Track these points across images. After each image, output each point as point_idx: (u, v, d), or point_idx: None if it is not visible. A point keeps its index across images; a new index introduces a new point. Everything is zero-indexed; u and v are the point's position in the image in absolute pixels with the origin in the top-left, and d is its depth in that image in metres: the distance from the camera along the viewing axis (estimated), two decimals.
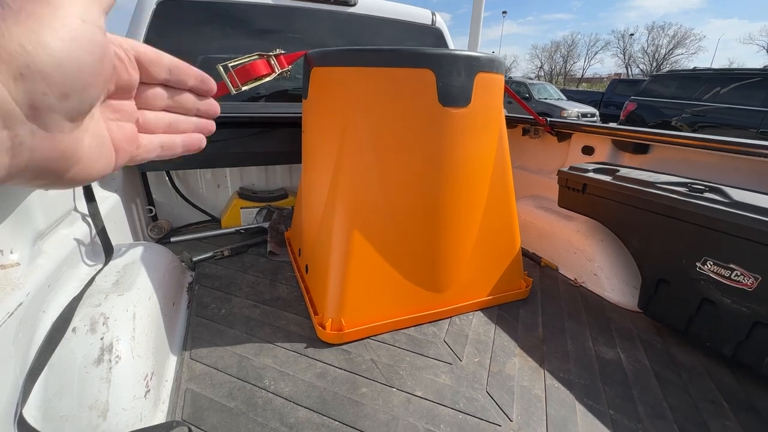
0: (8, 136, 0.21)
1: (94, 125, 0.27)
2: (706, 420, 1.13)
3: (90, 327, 0.96)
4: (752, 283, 1.20)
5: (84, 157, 0.26)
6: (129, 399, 0.93)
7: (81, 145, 0.26)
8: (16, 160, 0.22)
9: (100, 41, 0.24)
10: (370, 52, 1.26)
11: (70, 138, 0.24)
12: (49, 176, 0.25)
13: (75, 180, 0.27)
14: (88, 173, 0.27)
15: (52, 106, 0.22)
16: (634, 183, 1.53)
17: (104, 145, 0.28)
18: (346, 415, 1.08)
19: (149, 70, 0.32)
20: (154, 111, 0.34)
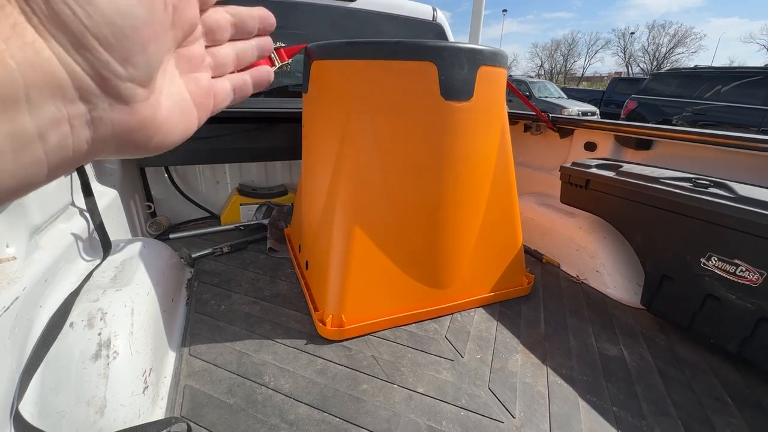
0: (87, 109, 0.20)
1: (169, 85, 0.25)
2: (711, 417, 1.12)
3: (87, 322, 0.95)
4: (757, 279, 1.19)
5: (165, 122, 0.25)
6: (127, 395, 0.92)
7: (159, 110, 0.24)
8: (99, 134, 0.21)
9: None
10: (372, 45, 1.25)
11: (147, 105, 0.23)
12: (132, 147, 0.24)
13: (159, 147, 0.25)
14: (171, 138, 0.26)
15: (119, 74, 0.21)
16: (637, 178, 1.52)
17: (185, 106, 0.27)
18: (346, 412, 1.07)
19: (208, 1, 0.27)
20: (221, 47, 0.30)
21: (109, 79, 0.20)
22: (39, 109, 0.18)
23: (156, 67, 0.23)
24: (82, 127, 0.20)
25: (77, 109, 0.20)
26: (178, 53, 0.27)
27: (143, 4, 0.21)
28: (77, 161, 0.21)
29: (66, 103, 0.19)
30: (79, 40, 0.19)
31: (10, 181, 0.19)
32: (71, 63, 0.19)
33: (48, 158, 0.20)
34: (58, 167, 0.20)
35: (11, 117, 0.18)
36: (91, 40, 0.19)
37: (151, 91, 0.23)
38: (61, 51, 0.18)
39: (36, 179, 0.20)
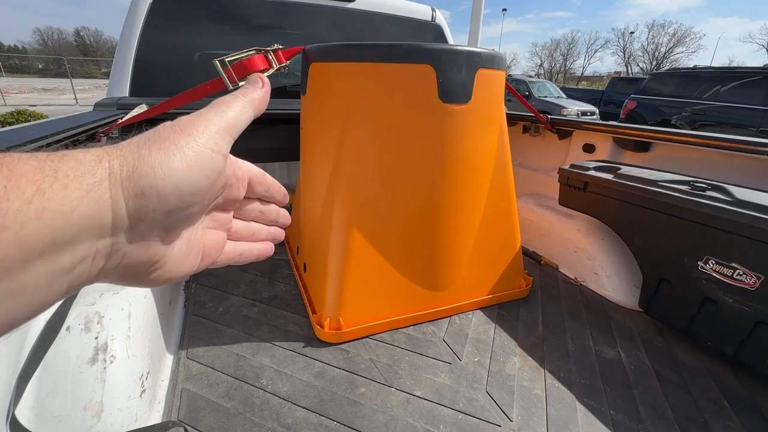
0: (111, 242, 0.22)
1: (190, 232, 0.28)
2: (708, 420, 1.12)
3: (84, 326, 0.95)
4: (754, 283, 1.19)
5: (171, 260, 0.27)
6: (124, 399, 0.92)
7: (171, 250, 0.26)
8: (109, 264, 0.22)
9: (219, 167, 0.26)
10: (370, 48, 1.24)
11: (162, 244, 0.25)
12: (133, 278, 0.25)
13: (156, 281, 0.27)
14: (170, 276, 0.28)
15: (157, 221, 0.23)
16: (635, 181, 1.52)
17: (193, 250, 0.29)
18: (344, 415, 1.07)
19: (254, 188, 0.35)
20: (244, 221, 0.36)
21: (146, 222, 0.23)
22: (78, 248, 0.20)
23: (189, 221, 0.27)
24: (101, 259, 0.22)
25: (104, 243, 0.21)
26: (211, 213, 0.32)
27: (208, 180, 0.25)
28: (82, 287, 0.23)
29: (98, 239, 0.21)
30: (142, 191, 0.22)
31: (34, 310, 0.20)
32: (122, 207, 0.21)
33: (68, 287, 0.21)
34: (69, 293, 0.21)
35: (56, 258, 0.19)
36: (152, 190, 0.22)
37: (171, 235, 0.26)
38: (120, 199, 0.21)
39: (50, 305, 0.21)
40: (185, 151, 0.24)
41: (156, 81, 2.00)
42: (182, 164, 0.23)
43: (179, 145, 0.24)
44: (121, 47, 1.94)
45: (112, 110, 1.65)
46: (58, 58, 35.33)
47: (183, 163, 0.23)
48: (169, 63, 2.05)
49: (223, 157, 0.26)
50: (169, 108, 1.46)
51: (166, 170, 0.22)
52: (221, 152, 0.26)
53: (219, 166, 0.26)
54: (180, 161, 0.23)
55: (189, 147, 0.24)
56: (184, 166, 0.23)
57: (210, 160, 0.25)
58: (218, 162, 0.26)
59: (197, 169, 0.24)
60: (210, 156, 0.25)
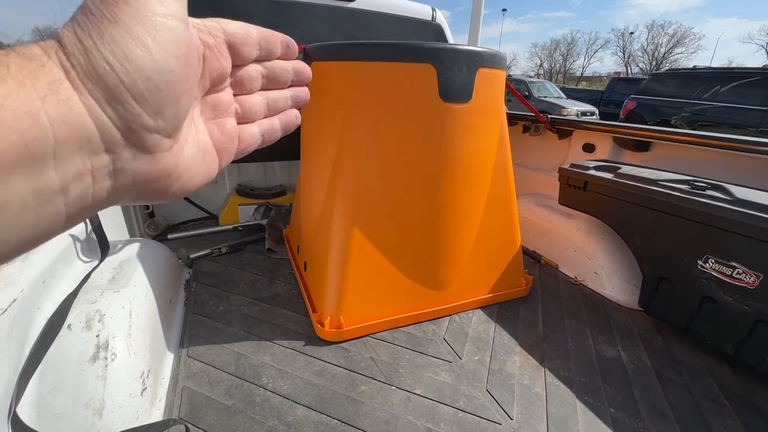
0: (110, 160, 0.20)
1: (193, 132, 0.25)
2: (707, 418, 1.12)
3: (85, 324, 0.95)
4: (754, 281, 1.20)
5: (186, 169, 0.25)
6: (125, 397, 0.92)
7: (181, 158, 0.24)
8: (119, 184, 0.21)
9: (183, 38, 0.21)
10: (371, 47, 1.25)
11: (170, 154, 0.23)
12: (152, 194, 0.24)
13: (179, 193, 0.25)
14: (191, 185, 0.26)
15: (148, 126, 0.21)
16: (635, 180, 1.52)
17: (206, 152, 0.27)
18: (344, 414, 1.07)
19: (240, 50, 0.28)
20: (251, 95, 0.31)
21: (137, 131, 0.20)
22: (65, 164, 0.18)
23: (183, 118, 0.23)
24: (104, 178, 0.20)
25: (101, 160, 0.20)
26: (204, 100, 0.27)
27: (179, 60, 0.21)
28: (95, 209, 0.21)
29: (91, 156, 0.19)
30: (114, 95, 0.19)
31: (29, 234, 0.19)
32: (102, 116, 0.19)
33: (67, 210, 0.20)
34: (75, 217, 0.20)
35: (38, 173, 0.18)
36: (125, 94, 0.19)
37: (175, 141, 0.23)
38: (93, 105, 0.19)
39: (53, 230, 0.20)
40: (133, 29, 0.19)
41: None
42: (138, 49, 0.19)
43: (121, 21, 0.19)
44: None
45: None
46: None
47: (138, 46, 0.19)
48: None
49: (181, 22, 0.21)
50: None
51: (123, 60, 0.19)
52: (175, 15, 0.21)
53: (182, 35, 0.21)
54: (133, 44, 0.19)
55: (135, 22, 0.19)
56: (143, 50, 0.19)
57: (168, 31, 0.20)
58: (178, 30, 0.21)
59: (159, 49, 0.20)
60: (165, 25, 0.20)
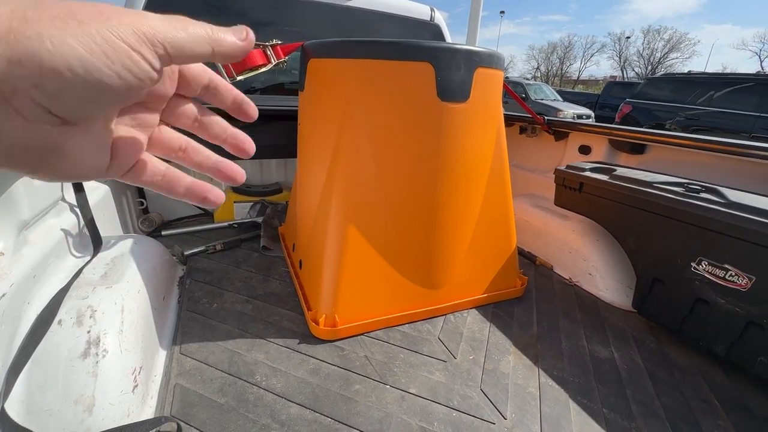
0: None
1: (97, 126, 0.24)
2: (699, 419, 1.13)
3: (76, 320, 0.94)
4: (746, 284, 1.21)
5: (73, 153, 0.23)
6: (116, 394, 0.91)
7: (70, 141, 0.23)
8: None
9: (141, 74, 0.21)
10: (369, 44, 1.24)
11: (58, 132, 0.22)
12: (24, 164, 0.22)
13: (56, 174, 0.24)
14: (72, 171, 0.24)
15: (38, 102, 0.20)
16: (630, 182, 1.53)
17: (100, 148, 0.25)
18: (338, 412, 1.07)
19: (188, 84, 0.28)
20: (173, 129, 0.30)
21: (23, 97, 0.19)
22: None
23: (90, 117, 0.22)
24: None
25: None
26: (131, 109, 0.26)
27: (121, 82, 0.21)
28: None
29: None
30: (20, 60, 0.18)
31: None
32: None
33: None
34: None
35: None
36: (33, 63, 0.18)
37: (73, 126, 0.22)
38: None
39: None
40: (93, 34, 0.19)
41: None
42: (83, 47, 0.19)
43: (86, 23, 0.19)
44: None
45: None
46: None
47: (85, 45, 0.19)
48: None
49: (147, 65, 0.21)
50: None
51: (59, 45, 0.18)
52: (146, 59, 0.21)
53: (142, 72, 0.21)
54: (80, 41, 0.19)
55: (100, 31, 0.19)
56: (86, 49, 0.19)
57: (127, 59, 0.20)
58: (140, 68, 0.21)
59: (105, 60, 0.20)
60: (127, 53, 0.20)
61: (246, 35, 0.27)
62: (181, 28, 0.23)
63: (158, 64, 0.22)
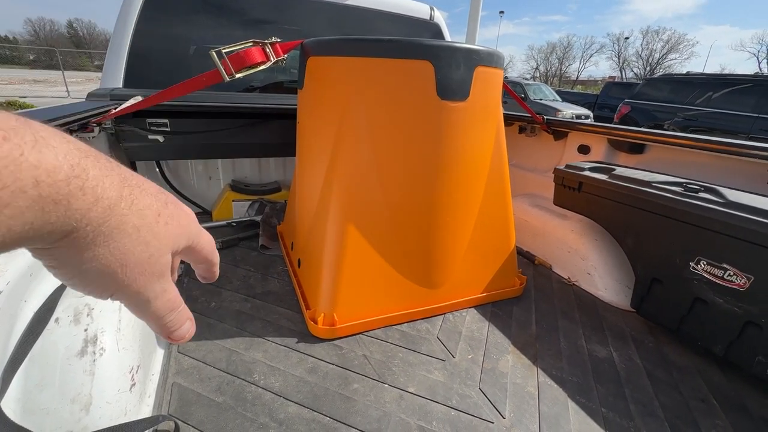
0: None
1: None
2: (697, 418, 1.13)
3: (73, 318, 0.93)
4: (745, 283, 1.21)
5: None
6: (113, 392, 0.91)
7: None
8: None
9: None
10: (369, 42, 1.24)
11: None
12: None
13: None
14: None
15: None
16: (630, 182, 1.53)
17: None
18: (337, 411, 1.06)
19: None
20: None
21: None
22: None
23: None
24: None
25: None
26: None
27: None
28: None
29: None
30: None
31: None
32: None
33: None
34: None
35: None
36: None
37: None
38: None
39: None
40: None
41: (151, 73, 1.97)
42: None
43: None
44: (115, 37, 1.92)
45: (105, 101, 1.63)
46: (49, 50, 34.72)
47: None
48: (165, 55, 2.03)
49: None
50: (165, 99, 1.44)
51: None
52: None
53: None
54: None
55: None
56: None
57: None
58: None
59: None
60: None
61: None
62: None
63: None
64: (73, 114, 1.29)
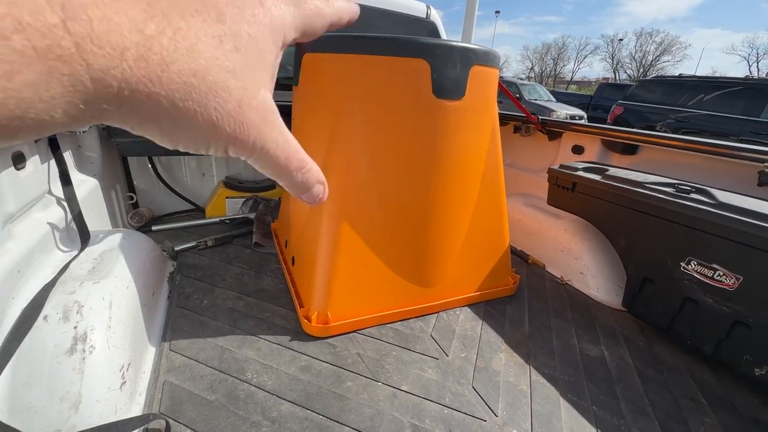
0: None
1: None
2: (686, 417, 1.15)
3: (63, 315, 0.92)
4: (734, 283, 1.22)
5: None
6: (103, 390, 0.89)
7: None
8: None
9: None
10: (365, 40, 1.23)
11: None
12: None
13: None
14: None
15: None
16: (623, 182, 1.54)
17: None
18: (330, 409, 1.06)
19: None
20: None
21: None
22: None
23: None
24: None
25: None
26: None
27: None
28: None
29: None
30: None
31: None
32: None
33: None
34: None
35: None
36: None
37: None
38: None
39: None
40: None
41: None
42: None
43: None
44: None
45: None
46: None
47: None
48: None
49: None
50: None
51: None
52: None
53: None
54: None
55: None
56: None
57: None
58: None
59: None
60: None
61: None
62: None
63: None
64: None
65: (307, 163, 0.26)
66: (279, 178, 0.25)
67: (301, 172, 0.26)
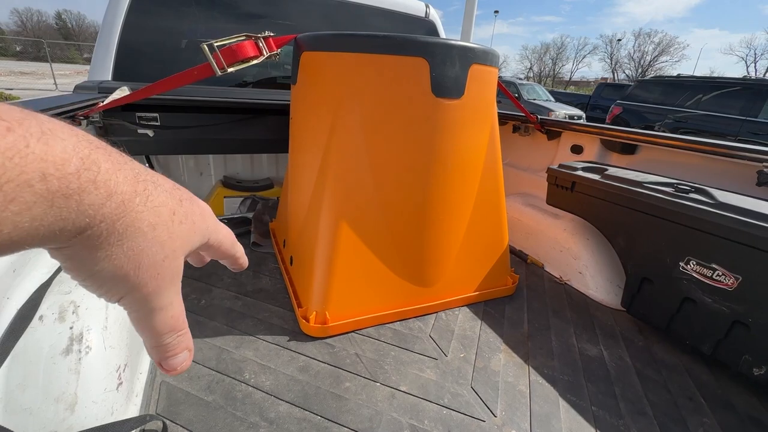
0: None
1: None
2: (685, 416, 1.15)
3: (59, 315, 0.91)
4: (733, 283, 1.22)
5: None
6: (99, 391, 0.89)
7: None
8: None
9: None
10: (364, 38, 1.23)
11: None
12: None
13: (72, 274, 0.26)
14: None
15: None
16: (622, 182, 1.54)
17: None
18: (328, 410, 1.05)
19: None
20: None
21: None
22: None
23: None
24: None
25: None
26: None
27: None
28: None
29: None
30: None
31: None
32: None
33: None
34: None
35: None
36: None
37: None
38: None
39: None
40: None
41: (141, 66, 1.94)
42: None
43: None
44: (104, 29, 1.88)
45: (93, 93, 1.59)
46: (37, 41, 33.95)
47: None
48: (155, 48, 1.99)
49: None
50: (154, 92, 1.41)
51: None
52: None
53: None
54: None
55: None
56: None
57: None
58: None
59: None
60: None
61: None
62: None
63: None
64: (60, 106, 1.26)
65: (186, 327, 0.30)
66: (156, 336, 0.28)
67: (179, 334, 0.29)
